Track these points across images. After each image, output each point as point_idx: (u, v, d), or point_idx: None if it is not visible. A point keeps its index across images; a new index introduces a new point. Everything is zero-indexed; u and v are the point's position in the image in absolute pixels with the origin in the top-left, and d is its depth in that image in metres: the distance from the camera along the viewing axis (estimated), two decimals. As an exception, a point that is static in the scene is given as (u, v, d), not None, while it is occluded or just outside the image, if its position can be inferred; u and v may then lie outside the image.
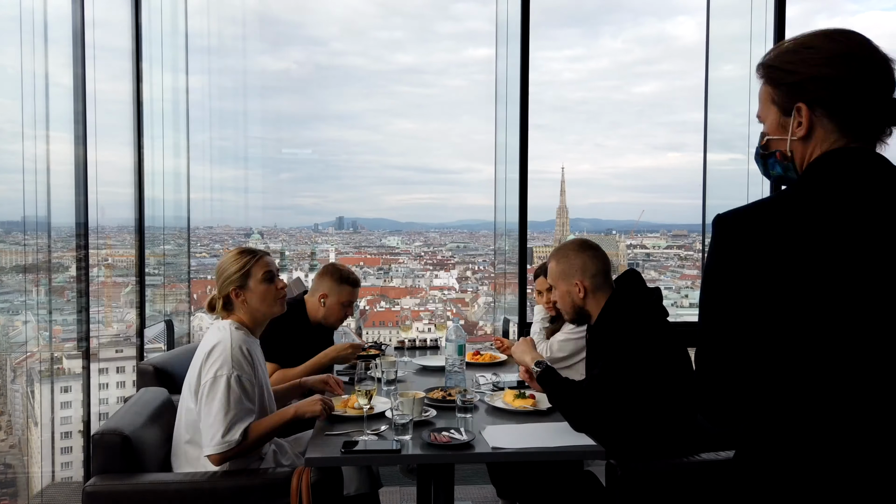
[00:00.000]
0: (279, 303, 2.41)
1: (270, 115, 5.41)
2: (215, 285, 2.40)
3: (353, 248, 7.04)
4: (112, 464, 2.09)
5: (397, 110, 6.54)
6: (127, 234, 4.36)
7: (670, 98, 6.53)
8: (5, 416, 3.97)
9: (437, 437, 2.06)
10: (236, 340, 2.22)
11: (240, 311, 2.35)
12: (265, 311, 2.37)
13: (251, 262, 2.36)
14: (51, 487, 3.86)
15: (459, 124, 6.79)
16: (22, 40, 3.45)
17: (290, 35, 5.29)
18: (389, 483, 3.69)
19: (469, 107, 6.57)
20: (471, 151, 6.84)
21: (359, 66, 6.07)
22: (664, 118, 6.67)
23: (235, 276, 2.33)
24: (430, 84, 6.46)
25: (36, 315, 3.76)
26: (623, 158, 6.83)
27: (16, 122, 3.46)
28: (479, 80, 6.42)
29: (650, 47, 6.45)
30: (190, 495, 2.07)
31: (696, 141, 6.08)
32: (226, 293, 2.33)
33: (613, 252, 6.96)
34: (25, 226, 3.62)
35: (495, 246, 5.12)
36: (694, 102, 6.22)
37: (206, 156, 5.02)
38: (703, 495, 2.17)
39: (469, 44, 6.43)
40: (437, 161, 7.12)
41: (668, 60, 6.45)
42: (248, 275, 2.34)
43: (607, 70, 4.50)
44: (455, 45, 6.40)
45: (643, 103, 6.66)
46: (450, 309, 6.48)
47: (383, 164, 6.92)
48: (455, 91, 6.54)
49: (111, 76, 4.14)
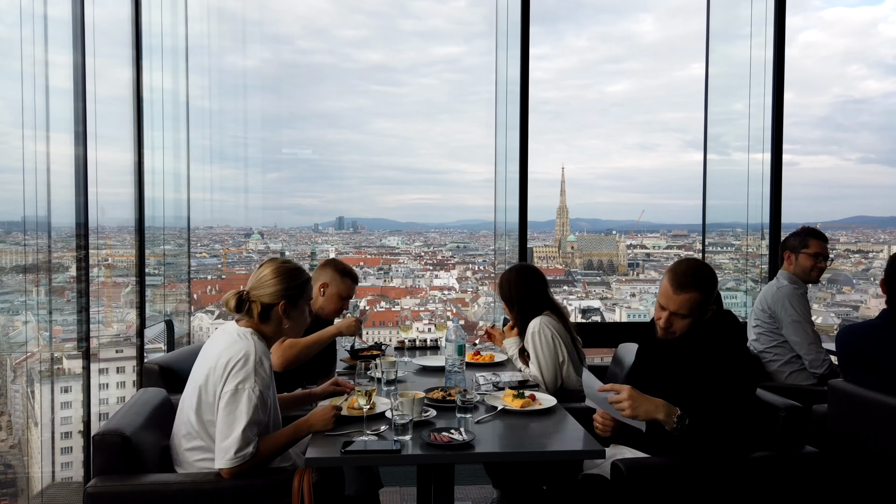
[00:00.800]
0: (302, 333, 2.38)
1: (252, 114, 5.40)
2: (249, 286, 2.24)
3: (353, 248, 7.04)
4: (113, 464, 2.08)
5: (384, 110, 6.56)
6: (127, 234, 4.36)
7: (645, 96, 6.54)
8: (5, 417, 3.97)
9: (437, 437, 2.06)
10: (261, 352, 2.13)
11: (270, 324, 2.22)
12: (292, 334, 2.30)
13: (308, 281, 2.29)
14: (51, 488, 3.85)
15: (458, 123, 6.79)
16: (22, 40, 3.45)
17: (254, 33, 5.25)
18: (389, 483, 3.69)
19: (459, 106, 6.58)
20: (469, 152, 6.84)
21: (328, 65, 6.05)
22: (640, 118, 6.70)
23: (290, 291, 2.21)
24: (404, 83, 6.48)
25: (36, 315, 3.76)
26: (607, 159, 6.85)
27: (16, 122, 3.46)
28: (451, 79, 6.43)
29: (614, 45, 6.47)
30: (192, 495, 2.07)
31: (670, 141, 6.11)
32: (273, 303, 2.20)
33: (613, 252, 6.96)
34: (25, 226, 3.62)
35: (495, 246, 5.12)
36: (665, 102, 6.25)
37: (206, 156, 5.03)
38: (708, 495, 2.17)
39: (435, 42, 6.44)
40: (437, 161, 7.12)
41: (634, 59, 6.47)
42: (301, 294, 2.26)
43: (576, 69, 4.48)
44: (422, 43, 6.41)
45: (616, 102, 6.69)
46: (450, 309, 6.48)
47: (382, 164, 6.92)
48: (438, 90, 6.55)
49: (111, 76, 4.14)
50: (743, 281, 5.31)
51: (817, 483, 2.27)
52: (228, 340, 2.16)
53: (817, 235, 3.54)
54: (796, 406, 2.28)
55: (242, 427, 2.04)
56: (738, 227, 5.24)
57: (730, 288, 5.45)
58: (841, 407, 2.61)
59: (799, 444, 2.27)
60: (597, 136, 6.70)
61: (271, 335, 2.25)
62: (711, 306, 2.29)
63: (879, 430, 2.39)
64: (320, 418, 2.21)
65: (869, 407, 2.45)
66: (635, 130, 6.74)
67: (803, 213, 6.27)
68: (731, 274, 5.52)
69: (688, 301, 2.22)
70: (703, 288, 2.24)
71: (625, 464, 2.12)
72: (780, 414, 2.26)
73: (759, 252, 4.96)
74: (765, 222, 4.80)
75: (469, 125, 6.39)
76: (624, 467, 2.11)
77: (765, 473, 2.18)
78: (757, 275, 5.10)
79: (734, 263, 5.48)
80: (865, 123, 7.13)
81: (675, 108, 6.36)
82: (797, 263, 3.51)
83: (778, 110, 4.67)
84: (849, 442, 2.55)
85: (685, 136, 6.42)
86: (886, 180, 6.96)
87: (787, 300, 3.42)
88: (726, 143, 5.11)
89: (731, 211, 5.12)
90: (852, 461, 2.52)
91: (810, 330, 3.40)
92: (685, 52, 5.88)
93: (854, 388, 2.55)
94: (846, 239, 6.97)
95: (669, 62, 6.13)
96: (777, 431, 2.26)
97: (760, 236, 4.92)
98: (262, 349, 2.15)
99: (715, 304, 2.32)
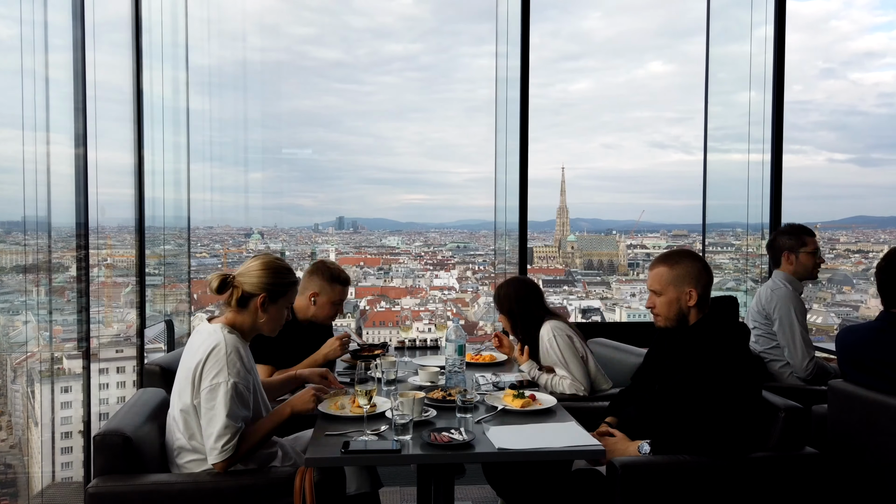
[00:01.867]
0: (277, 332, 2.38)
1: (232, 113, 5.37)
2: (237, 272, 2.27)
3: (353, 248, 7.04)
4: (114, 465, 2.08)
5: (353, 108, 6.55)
6: (127, 234, 4.36)
7: (614, 94, 6.54)
8: (5, 416, 3.97)
9: (437, 436, 2.06)
10: (231, 344, 2.15)
11: (245, 315, 2.25)
12: (266, 330, 2.32)
13: (293, 284, 2.34)
14: (51, 487, 3.86)
15: (431, 123, 6.80)
16: (22, 40, 3.46)
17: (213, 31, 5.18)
18: (389, 483, 3.69)
19: (430, 105, 6.57)
20: (470, 152, 6.84)
21: (284, 62, 6.00)
22: (597, 119, 6.72)
23: (273, 287, 2.25)
24: (366, 81, 6.47)
25: (36, 315, 3.76)
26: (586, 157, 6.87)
27: (16, 122, 3.46)
28: (412, 76, 6.40)
29: (569, 43, 6.46)
30: (193, 495, 2.07)
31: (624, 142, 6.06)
32: (254, 293, 2.23)
33: (613, 252, 6.96)
34: (25, 226, 3.62)
35: (495, 246, 5.12)
36: (629, 100, 6.22)
37: (206, 156, 5.03)
38: (704, 495, 2.17)
39: (390, 40, 6.43)
40: (436, 161, 7.13)
41: (589, 57, 6.46)
42: (283, 293, 2.29)
43: (533, 67, 4.46)
44: (375, 41, 6.40)
45: (582, 99, 6.69)
46: (450, 309, 6.48)
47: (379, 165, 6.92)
48: (404, 88, 6.52)
49: (111, 76, 4.14)
50: (743, 281, 5.31)
51: (817, 484, 2.27)
52: (198, 340, 2.21)
53: (809, 232, 3.53)
54: (796, 406, 2.28)
55: (223, 420, 2.06)
56: (738, 227, 5.24)
57: (730, 288, 5.45)
58: (841, 407, 2.61)
59: (799, 444, 2.27)
60: (567, 134, 6.70)
61: (246, 328, 2.26)
62: (690, 289, 2.32)
63: (879, 431, 2.39)
64: (300, 399, 2.25)
65: (869, 407, 2.44)
66: (604, 129, 6.75)
67: (803, 213, 6.28)
68: (731, 274, 5.52)
69: (657, 276, 2.38)
70: (671, 262, 2.36)
71: (620, 463, 2.13)
72: (779, 414, 2.26)
73: (759, 252, 4.96)
74: (765, 222, 4.80)
75: (445, 125, 6.37)
76: (619, 466, 2.11)
77: (765, 474, 2.18)
78: (757, 275, 5.10)
79: (734, 263, 5.49)
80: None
81: (640, 107, 6.36)
82: (798, 263, 3.48)
83: (778, 111, 4.67)
84: (849, 442, 2.54)
85: (653, 136, 6.42)
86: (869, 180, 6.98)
87: (781, 302, 3.41)
88: (726, 141, 5.12)
89: (731, 211, 5.13)
90: (852, 462, 2.52)
91: (799, 333, 3.38)
92: (641, 50, 5.87)
93: (854, 389, 2.55)
94: (846, 239, 6.97)
95: (627, 59, 6.12)
96: (777, 432, 2.26)
97: (760, 236, 4.92)
98: (232, 341, 2.16)
99: (703, 293, 2.35)
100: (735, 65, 4.95)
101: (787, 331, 3.39)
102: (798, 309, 3.42)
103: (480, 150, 5.32)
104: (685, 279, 2.34)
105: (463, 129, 6.85)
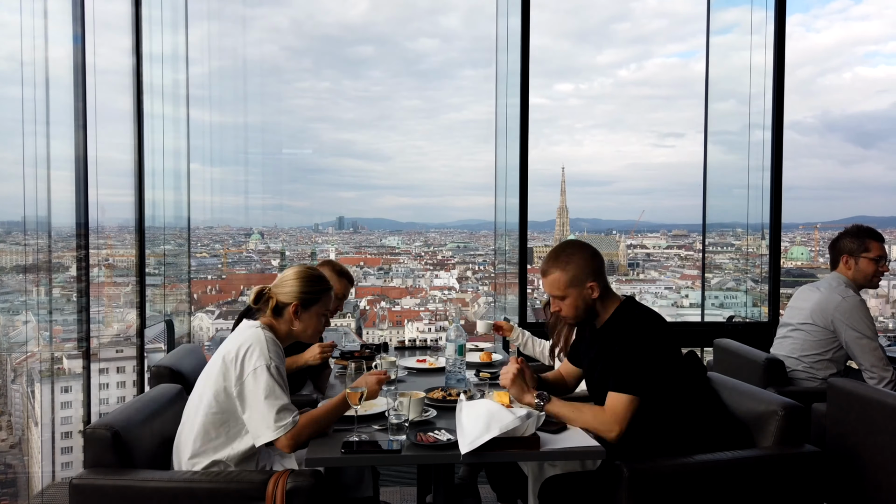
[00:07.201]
0: (315, 338, 2.44)
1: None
2: (272, 283, 2.35)
3: (353, 248, 7.04)
4: (102, 458, 2.09)
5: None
6: (127, 234, 4.36)
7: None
8: (5, 416, 3.98)
9: (423, 437, 2.06)
10: (269, 338, 2.22)
11: (281, 323, 2.32)
12: (304, 336, 2.37)
13: (326, 291, 2.38)
14: (51, 487, 3.86)
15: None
16: (22, 40, 3.46)
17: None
18: (390, 483, 3.69)
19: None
20: (470, 152, 6.85)
21: (285, 62, 5.98)
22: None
23: (305, 295, 2.31)
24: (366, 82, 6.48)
25: (36, 315, 3.77)
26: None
27: (16, 122, 3.46)
28: (412, 76, 6.39)
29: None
30: (168, 493, 2.07)
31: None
32: (287, 302, 2.30)
33: (613, 252, 6.96)
34: (26, 226, 3.62)
35: (495, 246, 5.12)
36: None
37: (206, 155, 5.03)
38: (708, 495, 2.17)
39: (390, 39, 6.43)
40: (436, 161, 7.14)
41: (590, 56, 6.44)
42: (316, 301, 2.35)
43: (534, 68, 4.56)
44: (375, 40, 6.41)
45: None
46: (450, 309, 6.49)
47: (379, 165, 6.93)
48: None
49: (111, 76, 4.14)
50: (743, 281, 5.31)
51: (817, 482, 2.27)
52: (237, 333, 2.26)
53: (876, 236, 3.19)
54: (796, 405, 2.28)
55: (272, 400, 2.10)
56: (739, 227, 5.24)
57: (730, 288, 5.45)
58: (840, 406, 2.61)
59: (798, 443, 2.27)
60: (567, 134, 6.71)
61: (282, 334, 2.33)
62: (592, 282, 2.31)
63: (879, 430, 2.39)
64: (370, 383, 2.24)
65: (868, 406, 2.45)
66: (604, 129, 6.77)
67: (803, 213, 6.28)
68: (731, 274, 5.53)
69: (554, 283, 2.33)
70: (562, 265, 2.32)
71: (626, 465, 2.12)
72: (778, 413, 2.26)
73: (760, 252, 4.96)
74: (765, 222, 4.80)
75: (444, 124, 6.35)
76: (626, 469, 2.10)
77: (765, 472, 2.18)
78: (757, 275, 5.10)
79: (734, 263, 5.49)
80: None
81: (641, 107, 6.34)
82: (857, 269, 3.17)
83: (778, 110, 4.67)
84: (849, 441, 2.55)
85: (654, 136, 6.43)
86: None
87: (853, 313, 3.07)
88: (726, 140, 5.13)
89: (731, 211, 5.13)
90: (852, 460, 2.52)
91: (879, 348, 3.06)
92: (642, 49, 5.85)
93: (854, 387, 2.55)
94: (846, 239, 6.96)
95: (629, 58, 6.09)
96: (777, 430, 2.26)
97: (761, 236, 4.92)
98: (269, 336, 2.23)
99: (602, 281, 2.33)
100: (735, 64, 4.95)
101: (865, 348, 3.04)
102: (870, 318, 3.10)
103: (480, 150, 5.33)
104: (582, 277, 2.31)
105: (463, 129, 6.86)
